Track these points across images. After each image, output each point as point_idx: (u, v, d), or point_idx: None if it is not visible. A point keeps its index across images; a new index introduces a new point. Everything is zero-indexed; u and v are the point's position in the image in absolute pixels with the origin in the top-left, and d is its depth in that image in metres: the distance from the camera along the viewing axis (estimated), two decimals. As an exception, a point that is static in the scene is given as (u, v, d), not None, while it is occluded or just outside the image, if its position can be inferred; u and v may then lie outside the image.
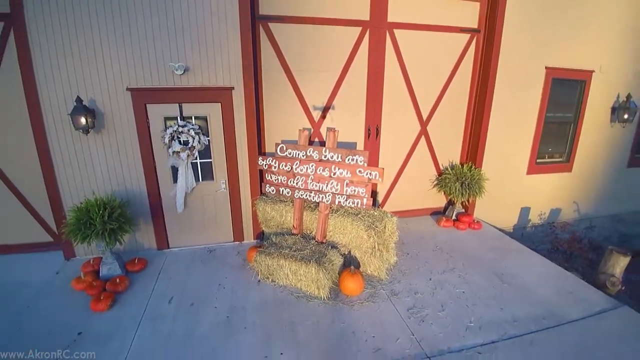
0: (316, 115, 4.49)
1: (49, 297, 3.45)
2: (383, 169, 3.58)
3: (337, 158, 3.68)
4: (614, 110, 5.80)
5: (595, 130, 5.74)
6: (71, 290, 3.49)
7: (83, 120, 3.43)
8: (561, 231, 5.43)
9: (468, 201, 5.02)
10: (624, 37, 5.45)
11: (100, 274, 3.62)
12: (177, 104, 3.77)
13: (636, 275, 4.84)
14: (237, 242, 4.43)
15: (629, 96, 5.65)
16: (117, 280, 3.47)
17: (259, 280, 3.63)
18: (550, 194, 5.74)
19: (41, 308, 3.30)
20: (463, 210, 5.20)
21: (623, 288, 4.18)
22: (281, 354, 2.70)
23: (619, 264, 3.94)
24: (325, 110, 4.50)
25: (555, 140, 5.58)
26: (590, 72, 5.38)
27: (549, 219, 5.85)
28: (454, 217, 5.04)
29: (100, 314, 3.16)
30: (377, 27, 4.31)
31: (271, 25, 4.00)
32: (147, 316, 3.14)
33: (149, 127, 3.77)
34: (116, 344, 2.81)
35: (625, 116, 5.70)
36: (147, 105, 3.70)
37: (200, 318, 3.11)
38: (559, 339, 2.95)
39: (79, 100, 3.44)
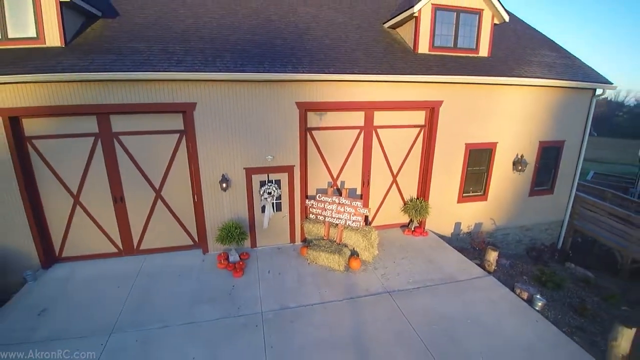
0: (335, 173, 8.14)
1: (207, 272, 6.98)
2: (370, 208, 7.24)
3: (347, 202, 7.34)
4: (514, 163, 9.45)
5: (502, 175, 9.35)
6: (217, 269, 7.06)
7: (224, 185, 7.05)
8: (477, 237, 9.10)
9: (420, 220, 8.70)
10: (518, 120, 8.97)
11: (229, 260, 7.22)
12: (267, 174, 7.41)
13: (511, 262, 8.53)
14: (292, 244, 8.05)
15: (522, 156, 9.27)
16: (240, 262, 7.07)
17: (309, 263, 7.26)
18: (473, 214, 9.40)
19: (206, 277, 6.80)
20: (418, 225, 8.85)
21: (496, 268, 7.84)
22: (325, 291, 6.33)
23: (491, 255, 7.57)
24: (339, 171, 8.15)
25: (475, 182, 9.21)
26: (495, 143, 9.01)
27: (474, 229, 9.53)
28: (412, 229, 8.70)
29: (238, 278, 6.72)
30: (368, 128, 7.97)
31: (313, 131, 7.66)
32: (260, 279, 6.72)
33: (252, 187, 7.40)
34: (253, 290, 6.35)
35: (519, 167, 9.35)
36: (252, 175, 7.33)
37: (285, 279, 6.70)
38: (449, 288, 6.57)
39: (222, 175, 7.07)
